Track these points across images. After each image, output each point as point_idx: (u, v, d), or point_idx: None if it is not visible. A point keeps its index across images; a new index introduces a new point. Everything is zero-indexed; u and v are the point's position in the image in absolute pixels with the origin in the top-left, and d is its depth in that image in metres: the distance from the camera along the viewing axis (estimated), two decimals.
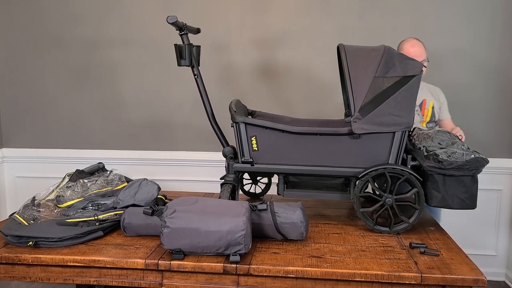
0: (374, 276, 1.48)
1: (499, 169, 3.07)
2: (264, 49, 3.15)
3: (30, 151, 3.43)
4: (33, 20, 3.29)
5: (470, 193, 1.82)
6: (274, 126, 1.92)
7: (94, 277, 1.62)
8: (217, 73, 3.20)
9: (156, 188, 2.00)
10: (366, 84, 1.83)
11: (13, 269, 1.65)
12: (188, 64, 2.08)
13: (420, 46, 2.59)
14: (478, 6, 2.96)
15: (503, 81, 3.03)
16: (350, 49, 1.90)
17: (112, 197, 1.94)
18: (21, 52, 3.34)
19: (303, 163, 1.94)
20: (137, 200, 1.91)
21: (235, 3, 3.12)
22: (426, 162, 1.82)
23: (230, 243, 1.53)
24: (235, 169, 2.01)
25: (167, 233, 1.54)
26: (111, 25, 3.23)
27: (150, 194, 1.96)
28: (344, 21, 3.06)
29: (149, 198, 1.94)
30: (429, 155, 1.83)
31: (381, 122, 1.83)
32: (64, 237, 1.68)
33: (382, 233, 1.85)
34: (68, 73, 3.31)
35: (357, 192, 1.86)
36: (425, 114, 2.68)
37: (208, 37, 2.97)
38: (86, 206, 1.88)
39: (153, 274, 1.59)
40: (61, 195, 1.93)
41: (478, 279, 1.45)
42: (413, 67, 1.83)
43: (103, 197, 1.94)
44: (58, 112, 3.37)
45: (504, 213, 3.15)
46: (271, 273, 1.52)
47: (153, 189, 1.99)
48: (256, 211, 1.70)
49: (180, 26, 2.04)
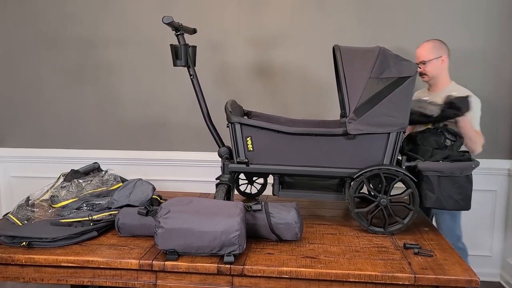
0: (368, 276, 1.49)
1: (494, 170, 3.08)
2: (260, 49, 3.15)
3: (25, 151, 3.41)
4: (28, 20, 3.28)
5: (465, 194, 1.84)
6: (269, 127, 1.92)
7: (88, 278, 1.61)
8: (213, 74, 3.20)
9: (151, 188, 1.99)
10: (361, 85, 1.83)
11: (7, 269, 1.65)
12: (184, 64, 2.08)
13: (422, 47, 2.54)
14: (475, 6, 2.97)
15: (498, 82, 3.03)
16: (345, 50, 1.90)
17: (107, 197, 1.93)
18: (17, 52, 3.33)
19: (298, 163, 1.94)
20: (131, 200, 1.91)
21: (231, 3, 3.12)
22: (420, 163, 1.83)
23: (224, 244, 1.53)
24: (230, 169, 2.01)
25: (161, 233, 1.54)
26: (107, 25, 3.22)
27: (145, 194, 1.96)
28: (341, 21, 3.06)
29: (144, 199, 1.93)
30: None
31: (376, 123, 1.83)
32: (58, 237, 1.67)
33: (377, 233, 1.85)
34: (64, 73, 3.30)
35: (352, 192, 1.86)
36: None
37: (204, 37, 2.96)
38: (81, 206, 1.88)
39: (147, 274, 1.58)
40: (55, 195, 1.93)
41: (471, 279, 1.46)
42: (407, 68, 1.84)
43: (97, 197, 1.94)
44: (54, 112, 3.36)
45: (498, 214, 3.16)
46: (265, 273, 1.52)
47: (148, 189, 1.98)
48: (251, 211, 1.70)
49: (176, 26, 2.04)
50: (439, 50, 2.50)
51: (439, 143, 1.96)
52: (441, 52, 2.50)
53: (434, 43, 2.52)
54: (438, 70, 2.51)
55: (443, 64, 2.51)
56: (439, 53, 2.49)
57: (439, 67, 2.51)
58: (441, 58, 2.50)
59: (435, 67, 2.50)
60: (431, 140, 1.97)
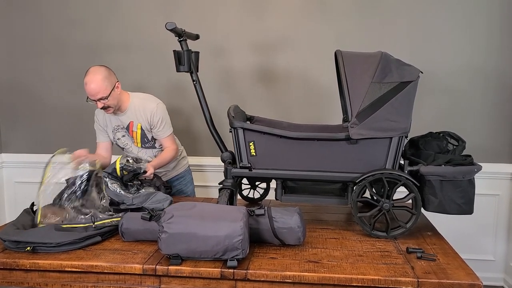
0: (371, 281, 1.49)
1: (497, 174, 3.08)
2: (263, 54, 3.16)
3: (29, 156, 3.43)
4: (32, 25, 3.31)
5: (468, 198, 1.83)
6: (271, 132, 1.93)
7: (92, 283, 1.62)
8: (216, 79, 3.21)
9: (169, 201, 2.05)
10: (363, 90, 1.84)
11: (11, 274, 1.66)
12: (186, 70, 2.10)
13: (93, 82, 2.28)
14: (476, 11, 2.98)
15: (500, 87, 3.04)
16: (347, 55, 1.91)
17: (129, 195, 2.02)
18: (20, 57, 3.35)
19: (301, 168, 1.95)
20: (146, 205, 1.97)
21: (234, 9, 3.14)
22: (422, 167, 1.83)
23: (227, 248, 1.54)
24: (233, 174, 2.01)
25: (164, 238, 1.55)
26: (110, 31, 3.24)
27: (161, 204, 2.01)
28: (343, 26, 3.08)
29: (158, 207, 1.97)
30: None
31: (378, 128, 1.83)
32: (62, 242, 1.68)
33: (379, 238, 1.85)
34: (67, 78, 3.33)
35: (354, 197, 1.86)
36: (134, 136, 2.53)
37: (207, 43, 2.98)
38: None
39: (150, 279, 1.59)
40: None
41: (474, 283, 1.46)
42: (409, 73, 1.84)
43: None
44: (58, 117, 3.38)
45: (502, 218, 3.16)
46: (269, 278, 1.52)
47: (165, 201, 2.04)
48: (254, 216, 1.70)
49: (179, 32, 2.06)
50: (111, 78, 2.36)
51: (441, 147, 1.96)
52: (113, 79, 2.37)
53: (102, 74, 2.32)
54: (118, 97, 2.41)
55: (119, 89, 2.41)
56: (113, 82, 2.36)
57: (117, 95, 2.40)
58: (116, 85, 2.38)
59: (115, 97, 2.38)
60: (433, 144, 1.98)
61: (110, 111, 2.43)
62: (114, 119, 2.54)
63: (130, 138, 2.56)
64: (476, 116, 3.08)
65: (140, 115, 2.48)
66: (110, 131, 2.59)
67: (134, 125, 2.51)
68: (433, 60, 3.02)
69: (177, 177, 2.75)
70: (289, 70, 3.16)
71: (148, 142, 2.56)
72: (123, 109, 2.50)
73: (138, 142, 2.56)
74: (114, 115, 2.52)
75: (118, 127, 2.55)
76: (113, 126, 2.56)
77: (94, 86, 2.29)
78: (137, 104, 2.49)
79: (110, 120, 2.55)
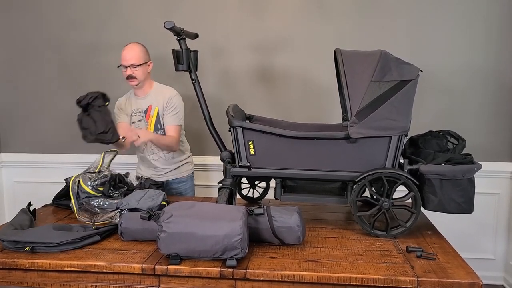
0: (371, 280, 1.49)
1: (497, 173, 3.08)
2: (262, 53, 3.16)
3: (28, 156, 3.43)
4: (31, 25, 3.30)
5: (467, 197, 1.83)
6: (271, 131, 1.92)
7: (91, 282, 1.61)
8: (215, 78, 3.21)
9: (162, 196, 2.04)
10: (362, 89, 1.84)
11: (10, 274, 1.65)
12: (185, 69, 2.10)
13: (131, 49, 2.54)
14: (475, 11, 2.97)
15: (499, 86, 3.04)
16: (346, 54, 1.91)
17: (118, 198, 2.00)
18: (20, 57, 3.35)
19: (300, 167, 1.94)
20: (140, 205, 1.94)
21: (233, 8, 3.14)
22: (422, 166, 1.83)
23: (226, 248, 1.53)
24: (232, 173, 2.01)
25: (163, 237, 1.55)
26: (109, 31, 3.24)
27: (154, 201, 1.99)
28: (342, 26, 3.08)
29: (153, 204, 1.96)
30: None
31: (377, 127, 1.83)
32: (61, 242, 1.68)
33: (379, 237, 1.85)
34: (67, 78, 3.32)
35: (354, 196, 1.86)
36: (149, 121, 2.62)
37: (206, 42, 2.98)
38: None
39: (150, 279, 1.59)
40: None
41: (474, 283, 1.45)
42: (409, 71, 1.84)
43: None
44: (57, 117, 3.38)
45: (502, 217, 3.16)
46: (268, 277, 1.52)
47: (158, 197, 2.02)
48: (253, 215, 1.70)
49: (177, 31, 2.06)
50: (147, 54, 2.60)
51: (441, 146, 1.96)
52: (148, 56, 2.60)
53: (142, 47, 2.58)
54: (146, 74, 2.59)
55: (150, 67, 2.62)
56: (147, 58, 2.59)
57: (146, 72, 2.59)
58: (148, 63, 2.60)
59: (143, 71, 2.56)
60: (433, 143, 1.97)
61: (135, 82, 2.55)
62: (134, 102, 2.65)
63: (145, 122, 2.63)
64: (476, 115, 3.08)
65: (159, 99, 2.60)
66: (128, 114, 2.67)
67: (152, 109, 2.61)
68: (433, 60, 3.02)
69: (178, 181, 2.77)
70: (288, 69, 3.15)
71: (160, 130, 2.62)
72: (145, 92, 2.63)
73: (152, 127, 2.62)
74: (135, 96, 2.65)
75: (137, 110, 2.64)
76: (132, 110, 2.65)
77: (131, 52, 2.52)
78: (159, 89, 2.65)
79: (130, 103, 2.67)
